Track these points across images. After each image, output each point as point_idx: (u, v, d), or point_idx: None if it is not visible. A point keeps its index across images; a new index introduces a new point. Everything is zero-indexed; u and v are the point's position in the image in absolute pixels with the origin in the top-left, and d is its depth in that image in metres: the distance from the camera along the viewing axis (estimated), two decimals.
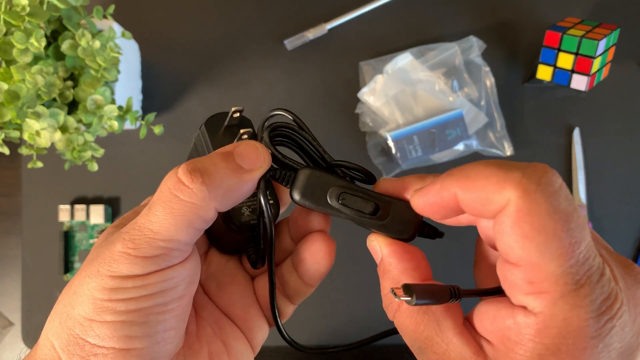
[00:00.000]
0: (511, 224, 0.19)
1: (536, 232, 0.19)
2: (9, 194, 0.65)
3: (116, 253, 0.23)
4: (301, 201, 0.26)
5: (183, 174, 0.24)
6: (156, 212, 0.24)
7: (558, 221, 0.19)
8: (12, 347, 0.64)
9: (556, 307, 0.19)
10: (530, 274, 0.19)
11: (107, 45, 0.49)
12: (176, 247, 0.24)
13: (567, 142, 0.64)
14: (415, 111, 0.61)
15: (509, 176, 0.20)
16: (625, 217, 0.64)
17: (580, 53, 0.57)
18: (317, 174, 0.27)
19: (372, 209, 0.26)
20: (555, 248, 0.19)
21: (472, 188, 0.21)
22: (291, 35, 0.63)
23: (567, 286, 0.19)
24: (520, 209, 0.19)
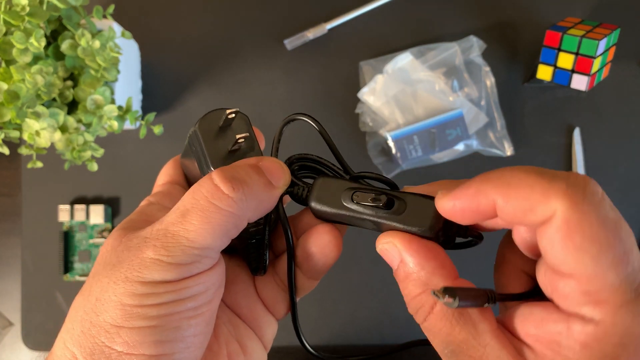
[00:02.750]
0: (562, 235, 0.19)
1: (589, 243, 0.19)
2: (9, 194, 0.65)
3: (147, 260, 0.23)
4: (317, 206, 0.26)
5: (221, 181, 0.24)
6: (192, 220, 0.24)
7: (610, 230, 0.19)
8: (11, 347, 0.64)
9: (617, 317, 0.18)
10: (586, 285, 0.19)
11: (106, 45, 0.49)
12: (209, 255, 0.24)
13: (567, 142, 0.64)
14: (415, 111, 0.61)
15: (554, 186, 0.19)
16: (626, 217, 0.64)
17: (580, 53, 0.57)
18: (330, 180, 0.27)
19: (386, 202, 0.25)
20: (611, 258, 0.18)
21: (514, 197, 0.20)
22: (291, 35, 0.63)
23: (626, 295, 0.18)
24: (570, 219, 0.19)
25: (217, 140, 0.28)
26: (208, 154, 0.28)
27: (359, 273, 0.63)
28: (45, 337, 0.63)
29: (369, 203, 0.25)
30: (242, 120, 0.29)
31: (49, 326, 0.63)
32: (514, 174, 0.21)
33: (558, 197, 0.19)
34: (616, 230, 0.19)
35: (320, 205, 0.26)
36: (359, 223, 0.26)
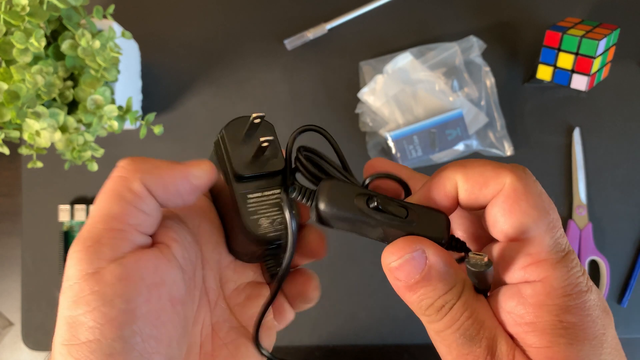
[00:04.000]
0: (511, 202, 0.23)
1: (532, 209, 0.22)
2: (9, 194, 0.65)
3: (69, 256, 0.23)
4: (327, 208, 0.25)
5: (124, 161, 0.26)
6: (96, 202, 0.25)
7: (545, 201, 0.23)
8: (12, 347, 0.64)
9: (557, 271, 0.22)
10: (528, 247, 0.23)
11: (107, 45, 0.49)
12: (119, 227, 0.24)
13: (567, 142, 0.64)
14: (415, 111, 0.61)
15: (502, 166, 0.23)
16: (625, 217, 0.64)
17: (580, 53, 0.57)
18: (340, 183, 0.26)
19: (404, 212, 0.25)
20: (547, 223, 0.23)
21: (472, 175, 0.24)
22: (291, 35, 0.63)
23: (558, 254, 0.22)
24: (517, 188, 0.23)
25: (241, 146, 0.28)
26: (232, 157, 0.27)
27: (359, 273, 0.63)
28: (45, 337, 0.63)
29: (387, 211, 0.25)
30: (267, 127, 0.29)
31: (49, 326, 0.63)
32: (469, 160, 0.24)
33: (506, 173, 0.23)
34: (549, 202, 0.23)
35: (330, 207, 0.25)
36: (367, 230, 0.25)
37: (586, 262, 0.63)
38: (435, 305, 0.23)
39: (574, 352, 0.22)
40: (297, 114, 0.64)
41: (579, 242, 0.63)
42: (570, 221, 0.64)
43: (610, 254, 0.64)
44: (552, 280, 0.22)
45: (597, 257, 0.63)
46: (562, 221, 0.63)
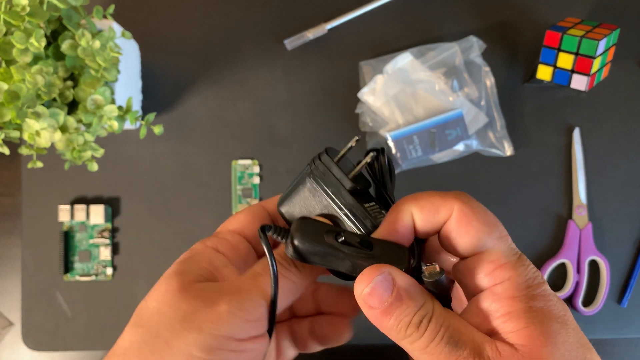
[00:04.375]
0: (464, 224, 0.27)
1: (483, 225, 0.27)
2: (9, 194, 0.65)
3: (223, 313, 0.25)
4: (300, 244, 0.27)
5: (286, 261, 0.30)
6: (264, 283, 0.28)
7: (490, 216, 0.27)
8: (12, 347, 0.64)
9: (518, 269, 0.26)
10: (489, 256, 0.26)
11: (107, 45, 0.49)
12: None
13: (567, 142, 0.64)
14: (415, 111, 0.61)
15: (448, 194, 0.28)
16: (625, 217, 0.64)
17: (580, 53, 0.57)
18: (311, 220, 0.29)
19: (369, 246, 0.28)
20: (498, 234, 0.27)
21: (424, 205, 0.28)
22: (291, 35, 0.63)
23: (514, 256, 0.27)
24: (465, 211, 0.27)
25: (341, 165, 0.31)
26: (344, 175, 0.30)
27: None
28: (45, 337, 0.63)
29: (353, 244, 0.28)
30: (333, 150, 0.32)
31: (49, 326, 0.63)
32: (419, 194, 0.28)
33: (453, 198, 0.27)
34: (494, 217, 0.27)
35: (303, 242, 0.27)
36: (337, 263, 0.28)
37: (586, 262, 0.63)
38: (414, 322, 0.25)
39: (547, 328, 0.25)
40: (297, 113, 0.64)
41: (579, 242, 0.63)
42: (570, 221, 0.64)
43: (610, 254, 0.64)
44: (516, 277, 0.26)
45: (597, 257, 0.63)
46: (562, 221, 0.64)
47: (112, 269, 0.63)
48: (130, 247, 0.64)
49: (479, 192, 0.64)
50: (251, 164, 0.64)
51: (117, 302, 0.63)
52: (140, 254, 0.64)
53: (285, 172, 0.64)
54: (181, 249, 0.64)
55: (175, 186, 0.64)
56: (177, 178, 0.64)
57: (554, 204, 0.64)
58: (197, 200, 0.64)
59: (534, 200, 0.64)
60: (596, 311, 0.63)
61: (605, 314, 0.64)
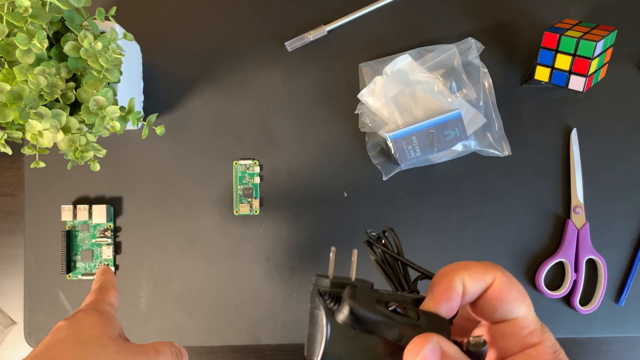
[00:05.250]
0: (505, 293, 0.29)
1: (519, 294, 0.29)
2: (12, 194, 0.66)
3: None
4: (356, 309, 0.28)
5: None
6: None
7: (521, 286, 0.30)
8: (14, 346, 0.65)
9: (545, 335, 0.29)
10: (522, 322, 0.29)
11: (109, 47, 0.50)
12: None
13: (565, 143, 0.65)
14: (414, 112, 0.62)
15: (487, 263, 0.30)
16: (623, 217, 0.65)
17: (577, 54, 0.57)
18: (362, 288, 0.30)
19: (416, 316, 0.29)
20: (528, 302, 0.29)
21: (472, 273, 0.29)
22: (291, 37, 0.64)
23: (539, 322, 0.29)
24: (506, 280, 0.29)
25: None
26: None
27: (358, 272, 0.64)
28: None
29: (402, 313, 0.29)
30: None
31: (51, 325, 0.63)
32: (461, 263, 0.30)
33: (493, 268, 0.29)
34: (524, 289, 0.30)
35: (359, 309, 0.28)
36: (385, 331, 0.29)
37: (583, 262, 0.64)
38: None
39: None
40: (297, 114, 0.65)
41: (577, 242, 0.64)
42: (568, 221, 0.64)
43: (607, 253, 0.64)
44: (545, 341, 0.29)
45: (594, 257, 0.64)
46: (560, 221, 0.64)
47: (114, 268, 0.64)
48: (132, 246, 0.64)
49: (477, 192, 0.65)
50: (252, 164, 0.64)
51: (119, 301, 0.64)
52: (142, 253, 0.64)
53: (286, 172, 0.65)
54: (182, 248, 0.65)
55: (177, 186, 0.64)
56: (178, 178, 0.64)
57: (551, 204, 0.65)
58: (199, 200, 0.64)
59: (532, 200, 0.65)
60: (593, 310, 0.64)
61: (603, 312, 0.64)
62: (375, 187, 0.64)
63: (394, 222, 0.64)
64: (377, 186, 0.64)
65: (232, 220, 0.65)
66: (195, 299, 0.64)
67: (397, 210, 0.65)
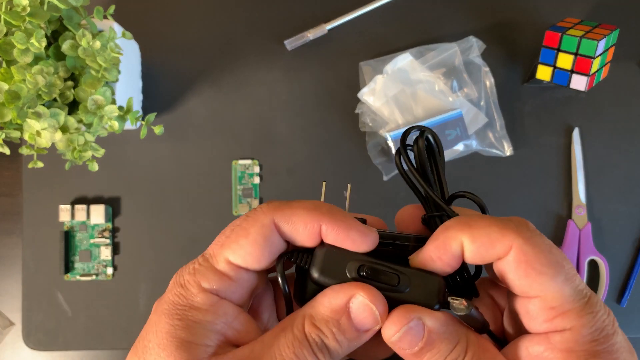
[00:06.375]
0: (524, 267, 0.23)
1: (546, 267, 0.23)
2: (10, 194, 0.65)
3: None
4: (320, 278, 0.25)
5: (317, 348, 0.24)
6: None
7: (556, 254, 0.23)
8: (12, 347, 0.64)
9: (583, 319, 0.23)
10: (551, 302, 0.23)
11: (107, 46, 0.50)
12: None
13: (566, 142, 0.65)
14: (415, 111, 0.61)
15: (507, 224, 0.24)
16: (625, 217, 0.64)
17: (579, 53, 0.57)
18: (335, 250, 0.26)
19: (392, 281, 0.25)
20: (563, 276, 0.23)
21: (478, 236, 0.24)
22: (291, 36, 0.64)
23: (581, 301, 0.23)
24: (526, 251, 0.23)
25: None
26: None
27: None
28: (46, 337, 0.63)
29: (376, 279, 0.25)
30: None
31: (49, 326, 0.63)
32: (473, 218, 0.25)
33: (512, 233, 0.23)
34: (560, 255, 0.24)
35: (323, 276, 0.25)
36: None
37: (585, 262, 0.63)
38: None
39: None
40: (297, 114, 0.64)
41: (578, 242, 0.63)
42: (569, 221, 0.64)
43: (609, 253, 0.64)
44: (579, 328, 0.23)
45: (596, 257, 0.63)
46: (561, 221, 0.64)
47: (112, 269, 0.63)
48: (131, 246, 0.64)
49: (479, 192, 0.64)
50: (251, 164, 0.64)
51: (118, 301, 0.63)
52: (141, 253, 0.64)
53: (286, 172, 0.64)
54: (181, 248, 0.64)
55: (176, 186, 0.64)
56: (177, 178, 0.64)
57: (553, 204, 0.65)
58: (198, 200, 0.64)
59: (534, 200, 0.64)
60: None
61: None
62: (376, 187, 0.64)
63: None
64: (377, 186, 0.64)
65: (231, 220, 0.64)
66: None
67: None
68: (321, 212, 0.25)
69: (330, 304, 0.24)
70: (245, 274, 0.26)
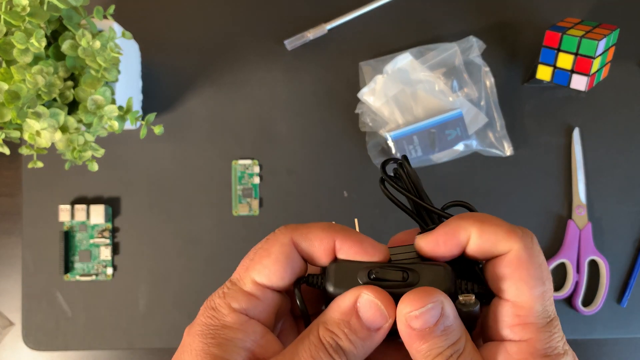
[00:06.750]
0: (513, 269, 0.25)
1: (531, 278, 0.25)
2: (10, 194, 0.65)
3: None
4: (335, 291, 0.27)
5: (333, 352, 0.25)
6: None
7: (544, 271, 0.25)
8: (12, 347, 0.64)
9: (540, 335, 0.24)
10: (519, 310, 0.25)
11: (107, 46, 0.50)
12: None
13: (566, 142, 0.64)
14: (415, 111, 0.61)
15: (514, 230, 0.25)
16: (625, 217, 0.64)
17: (580, 53, 0.57)
18: (345, 262, 0.27)
19: (402, 277, 0.26)
20: (540, 292, 0.25)
21: (487, 231, 0.26)
22: (291, 36, 0.64)
23: (545, 319, 0.25)
24: (522, 257, 0.25)
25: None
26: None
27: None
28: (45, 337, 0.63)
29: (385, 279, 0.26)
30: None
31: (49, 326, 0.63)
32: (486, 216, 0.26)
33: (516, 239, 0.25)
34: (547, 273, 0.25)
35: (337, 288, 0.27)
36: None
37: (586, 262, 0.63)
38: (444, 355, 0.24)
39: None
40: (297, 114, 0.64)
41: (579, 242, 0.63)
42: (569, 221, 0.64)
43: (609, 253, 0.64)
44: (535, 342, 0.24)
45: (596, 257, 0.63)
46: (562, 221, 0.64)
47: (112, 269, 0.63)
48: (131, 247, 0.64)
49: (479, 192, 0.64)
50: (251, 164, 0.64)
51: (117, 302, 0.63)
52: (141, 253, 0.64)
53: (286, 172, 0.64)
54: (181, 248, 0.64)
55: (176, 186, 0.64)
56: (177, 178, 0.64)
57: (553, 204, 0.65)
58: (198, 200, 0.64)
59: (534, 200, 0.64)
60: (596, 311, 0.63)
61: (605, 313, 0.64)
62: (376, 187, 0.64)
63: (395, 223, 0.64)
64: (377, 186, 0.64)
65: (231, 221, 0.64)
66: (194, 300, 0.64)
67: (398, 211, 0.64)
68: (335, 229, 0.28)
69: (340, 308, 0.26)
70: (271, 293, 0.27)
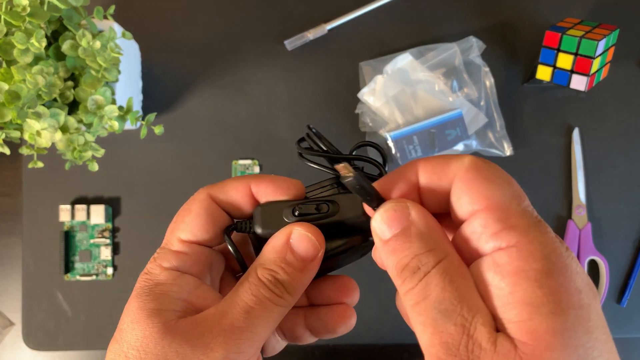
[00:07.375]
0: (473, 176, 0.22)
1: (495, 177, 0.22)
2: (10, 194, 0.65)
3: (219, 359, 0.24)
4: (264, 232, 0.28)
5: (275, 287, 0.26)
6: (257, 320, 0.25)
7: (506, 174, 0.23)
8: (12, 347, 0.64)
9: (530, 235, 0.20)
10: (497, 213, 0.21)
11: (107, 46, 0.50)
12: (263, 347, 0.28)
13: (566, 142, 0.65)
14: (415, 111, 0.61)
15: (461, 154, 0.25)
16: (625, 217, 0.64)
17: (579, 53, 0.57)
18: (269, 204, 0.28)
19: (323, 208, 0.28)
20: (512, 191, 0.22)
21: (432, 160, 0.24)
22: (291, 36, 0.64)
23: (530, 219, 0.21)
24: (477, 163, 0.23)
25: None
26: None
27: (358, 272, 0.63)
28: (45, 337, 0.63)
29: (308, 213, 0.28)
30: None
31: (49, 326, 0.63)
32: (430, 156, 0.25)
33: (465, 156, 0.24)
34: (510, 177, 0.23)
35: (265, 229, 0.28)
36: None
37: (585, 262, 0.63)
38: (411, 266, 0.22)
39: (558, 324, 0.19)
40: (297, 114, 0.64)
41: (578, 242, 0.63)
42: (569, 221, 0.64)
43: (609, 253, 0.64)
44: (526, 244, 0.20)
45: (596, 257, 0.63)
46: (561, 221, 0.64)
47: (112, 269, 0.63)
48: (131, 247, 0.64)
49: None
50: (251, 164, 0.64)
51: (118, 301, 0.63)
52: (141, 253, 0.64)
53: (286, 172, 0.64)
54: None
55: (176, 186, 0.64)
56: (177, 178, 0.64)
57: (553, 204, 0.65)
58: None
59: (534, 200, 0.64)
60: None
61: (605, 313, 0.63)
62: None
63: None
64: None
65: None
66: None
67: None
68: (248, 177, 0.28)
69: (274, 247, 0.27)
70: (199, 248, 0.28)
